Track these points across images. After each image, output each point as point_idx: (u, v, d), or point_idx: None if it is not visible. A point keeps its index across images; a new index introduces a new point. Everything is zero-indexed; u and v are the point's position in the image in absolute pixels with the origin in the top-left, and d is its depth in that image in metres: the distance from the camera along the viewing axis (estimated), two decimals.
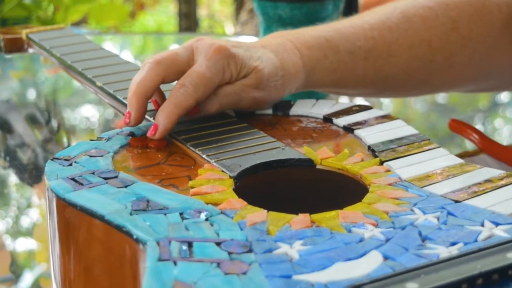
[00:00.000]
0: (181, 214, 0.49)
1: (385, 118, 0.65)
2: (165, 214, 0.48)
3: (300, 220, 0.48)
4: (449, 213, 0.49)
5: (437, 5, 0.76)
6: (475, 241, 0.46)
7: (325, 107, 0.68)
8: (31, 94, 1.23)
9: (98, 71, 0.74)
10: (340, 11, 0.95)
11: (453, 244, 0.45)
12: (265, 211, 0.49)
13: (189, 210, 0.49)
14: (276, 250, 0.45)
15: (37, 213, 0.82)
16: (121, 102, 0.68)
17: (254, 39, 1.22)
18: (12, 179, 0.90)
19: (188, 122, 0.63)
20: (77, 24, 2.56)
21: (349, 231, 0.47)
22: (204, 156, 0.57)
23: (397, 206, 0.50)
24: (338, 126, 0.65)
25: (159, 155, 0.58)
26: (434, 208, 0.50)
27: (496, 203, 0.50)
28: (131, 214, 0.48)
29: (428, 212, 0.49)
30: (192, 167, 0.56)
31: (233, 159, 0.57)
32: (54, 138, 1.05)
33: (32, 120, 1.09)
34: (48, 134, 1.05)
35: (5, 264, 0.72)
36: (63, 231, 0.51)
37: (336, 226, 0.48)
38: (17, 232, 0.78)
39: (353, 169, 0.56)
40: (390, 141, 0.61)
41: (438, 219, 0.48)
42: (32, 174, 0.88)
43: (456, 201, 0.51)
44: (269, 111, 0.68)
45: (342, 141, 0.62)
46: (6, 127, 1.05)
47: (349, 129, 0.64)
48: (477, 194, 0.52)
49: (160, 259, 0.43)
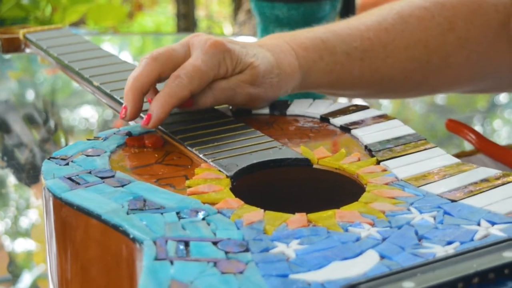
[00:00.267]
0: (178, 214, 0.49)
1: (382, 118, 0.65)
2: (162, 214, 0.48)
3: (297, 220, 0.48)
4: (446, 213, 0.49)
5: (433, 6, 0.76)
6: (471, 240, 0.46)
7: (322, 107, 0.68)
8: (30, 95, 1.23)
9: (95, 71, 0.74)
10: (337, 12, 0.95)
11: (450, 243, 0.45)
12: (262, 211, 0.49)
13: (186, 210, 0.49)
14: (273, 250, 0.45)
15: (36, 214, 0.82)
16: (118, 102, 0.68)
17: (252, 40, 1.22)
18: (10, 179, 0.89)
19: (185, 122, 0.63)
20: (76, 25, 2.56)
21: (346, 231, 0.47)
22: (201, 156, 0.57)
23: (394, 206, 0.50)
24: (335, 126, 0.65)
25: (156, 155, 0.58)
26: (431, 208, 0.50)
27: (492, 203, 0.50)
28: (128, 214, 0.48)
29: (425, 212, 0.49)
30: (189, 167, 0.56)
31: (230, 159, 0.57)
32: (52, 138, 1.04)
33: (30, 120, 1.09)
34: (46, 134, 1.05)
35: (3, 265, 0.72)
36: (60, 231, 0.51)
37: (333, 226, 0.48)
38: (16, 233, 0.78)
39: (350, 169, 0.56)
40: (387, 141, 0.61)
41: (435, 219, 0.48)
42: (30, 174, 0.88)
43: (453, 201, 0.51)
44: (266, 111, 0.68)
45: (339, 141, 0.62)
46: (4, 127, 1.05)
47: (346, 129, 0.64)
48: (474, 194, 0.52)
49: (157, 259, 0.43)
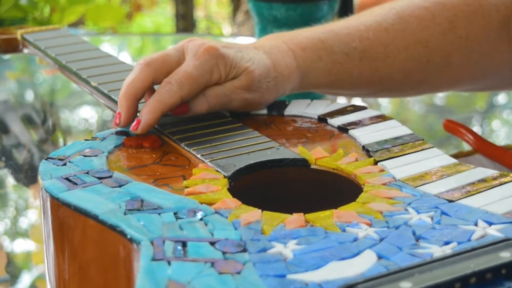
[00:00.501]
0: (176, 214, 0.49)
1: (380, 118, 0.65)
2: (159, 214, 0.48)
3: (295, 220, 0.48)
4: (443, 213, 0.49)
5: (434, 6, 0.76)
6: (469, 241, 0.46)
7: (320, 107, 0.68)
8: (28, 95, 1.23)
9: (93, 71, 0.74)
10: (335, 12, 0.95)
11: (447, 244, 0.45)
12: (260, 211, 0.49)
13: (184, 210, 0.49)
14: (270, 250, 0.45)
15: (34, 214, 0.82)
16: (116, 102, 0.68)
17: (251, 40, 1.22)
18: (8, 180, 0.89)
19: (183, 122, 0.63)
20: (74, 25, 2.56)
21: (344, 231, 0.47)
22: (199, 156, 0.57)
23: (391, 206, 0.50)
24: (333, 126, 0.65)
25: (154, 155, 0.58)
26: (428, 208, 0.50)
27: (490, 203, 0.50)
28: (125, 214, 0.48)
29: (422, 212, 0.49)
30: (187, 167, 0.56)
31: (228, 159, 0.57)
32: (50, 139, 1.04)
33: (28, 121, 1.09)
34: (44, 135, 1.05)
35: (1, 265, 0.72)
36: (57, 231, 0.51)
37: (331, 226, 0.48)
38: (15, 233, 0.78)
39: (348, 169, 0.56)
40: (385, 141, 0.61)
41: (432, 219, 0.48)
42: (28, 175, 0.88)
43: (450, 201, 0.51)
44: (264, 111, 0.68)
45: (337, 141, 0.62)
46: (2, 128, 1.05)
47: (344, 129, 0.64)
48: (471, 194, 0.52)
49: (154, 259, 0.43)
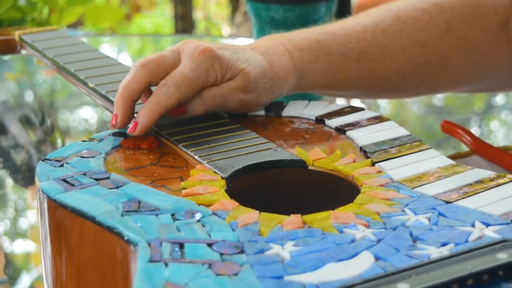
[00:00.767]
0: (173, 215, 0.49)
1: (377, 119, 0.65)
2: (157, 215, 0.48)
3: (292, 221, 0.48)
4: (440, 214, 0.49)
5: (431, 7, 0.76)
6: (466, 242, 0.46)
7: (318, 108, 0.68)
8: (28, 96, 1.23)
9: (91, 72, 0.74)
10: (333, 13, 0.95)
11: (444, 245, 0.45)
12: (257, 212, 0.49)
13: (181, 211, 0.49)
14: (268, 251, 0.45)
15: (33, 215, 0.82)
16: (113, 103, 0.68)
17: (250, 41, 1.22)
18: (6, 181, 0.89)
19: (180, 123, 0.63)
20: (73, 26, 2.55)
21: (341, 232, 0.47)
22: (196, 157, 0.57)
23: (389, 207, 0.50)
24: (330, 127, 0.65)
25: (151, 156, 0.58)
26: (425, 209, 0.50)
27: (487, 204, 0.50)
28: (122, 215, 0.48)
29: (419, 213, 0.49)
30: (184, 168, 0.56)
31: (225, 160, 0.57)
32: (48, 140, 1.04)
33: (27, 121, 1.09)
34: (42, 136, 1.05)
35: (0, 267, 0.72)
36: (55, 232, 0.51)
37: (328, 227, 0.48)
38: (14, 234, 0.78)
39: (345, 170, 0.56)
40: (382, 142, 0.61)
41: (429, 220, 0.48)
42: (26, 176, 0.88)
43: (447, 202, 0.51)
44: (262, 112, 0.68)
45: (334, 142, 0.62)
46: (1, 129, 1.05)
47: (341, 130, 0.64)
48: (468, 195, 0.52)
49: (151, 260, 0.43)
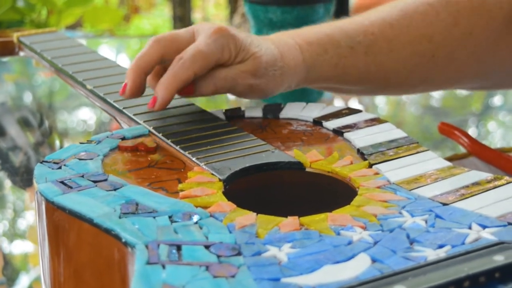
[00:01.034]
0: (170, 217, 0.49)
1: (375, 121, 0.65)
2: (154, 217, 0.48)
3: (289, 223, 0.48)
4: (437, 216, 0.49)
5: (437, 2, 0.77)
6: (463, 244, 0.46)
7: (315, 110, 0.68)
8: (26, 97, 1.23)
9: (89, 74, 0.74)
10: (331, 15, 0.95)
11: (441, 247, 0.45)
12: (254, 214, 0.49)
13: (179, 213, 0.49)
14: (265, 253, 0.45)
15: (31, 216, 0.82)
16: (112, 105, 0.68)
17: None
18: (6, 182, 0.89)
19: (178, 125, 0.63)
20: (72, 28, 2.55)
21: (338, 234, 0.47)
22: (194, 159, 0.57)
23: (386, 209, 0.50)
24: (328, 129, 0.65)
25: (149, 158, 0.58)
26: (422, 211, 0.50)
27: (484, 206, 0.50)
28: (120, 218, 0.48)
29: (416, 215, 0.49)
30: (182, 170, 0.56)
31: (223, 162, 0.57)
32: (47, 141, 1.04)
33: (25, 123, 1.09)
34: (41, 137, 1.05)
35: None
36: (53, 235, 0.51)
37: (325, 229, 0.48)
38: (13, 235, 0.78)
39: (342, 172, 0.56)
40: (379, 144, 0.61)
41: (426, 222, 0.48)
42: (24, 178, 0.88)
43: (444, 204, 0.51)
44: (259, 114, 0.68)
45: (332, 144, 0.62)
46: None
47: (339, 132, 0.64)
48: (465, 197, 0.52)
49: (149, 263, 0.43)
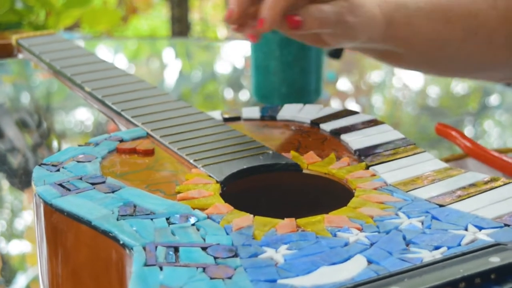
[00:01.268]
0: (168, 219, 0.49)
1: (372, 123, 0.66)
2: (152, 219, 0.49)
3: (286, 225, 0.48)
4: (433, 217, 0.49)
5: None
6: (459, 245, 0.46)
7: (312, 112, 0.68)
8: (24, 98, 1.23)
9: (87, 77, 0.74)
10: None
11: (437, 248, 0.46)
12: (251, 216, 0.49)
13: (176, 215, 0.49)
14: (262, 255, 0.45)
15: (31, 216, 0.82)
16: (110, 108, 0.68)
17: (246, 44, 1.22)
18: (4, 185, 0.90)
19: (176, 127, 0.63)
20: (70, 29, 2.55)
21: (334, 236, 0.47)
22: (191, 161, 0.58)
23: (382, 211, 0.50)
24: (325, 131, 0.65)
25: (147, 160, 0.59)
26: (419, 212, 0.50)
27: (480, 207, 0.51)
28: (118, 220, 0.48)
29: (413, 216, 0.50)
30: (180, 172, 0.57)
31: (220, 164, 0.57)
32: (45, 143, 1.05)
33: (23, 125, 1.09)
34: (39, 139, 1.05)
35: None
36: (51, 236, 0.52)
37: (322, 231, 0.48)
38: (11, 235, 0.78)
39: (339, 174, 0.57)
40: (376, 146, 0.61)
41: (422, 223, 0.49)
42: (22, 179, 0.88)
43: (441, 205, 0.51)
44: (257, 116, 0.68)
45: (329, 146, 0.62)
46: None
47: (336, 134, 0.64)
48: (462, 198, 0.52)
49: (146, 264, 0.44)
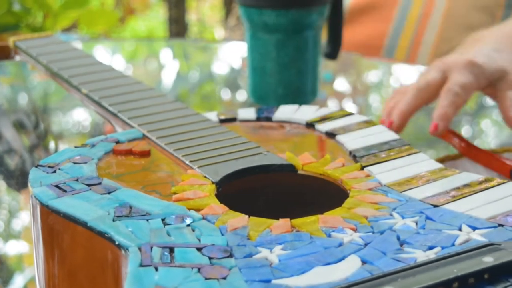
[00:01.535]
0: (163, 220, 0.49)
1: (367, 124, 0.66)
2: (148, 220, 0.49)
3: (281, 225, 0.49)
4: (428, 218, 0.50)
5: None
6: (453, 245, 0.46)
7: (308, 113, 0.69)
8: (22, 100, 1.23)
9: (84, 78, 0.74)
10: (325, 18, 0.95)
11: (431, 248, 0.46)
12: (246, 216, 0.50)
13: (171, 216, 0.50)
14: (256, 255, 0.45)
15: (28, 216, 0.82)
16: (106, 109, 0.68)
17: (243, 45, 1.22)
18: (2, 185, 0.90)
19: (172, 128, 0.64)
20: (68, 30, 2.56)
21: (329, 236, 0.48)
22: (187, 162, 0.58)
23: (376, 211, 0.51)
24: (321, 132, 0.66)
25: (143, 161, 0.59)
26: (413, 213, 0.50)
27: (474, 208, 0.51)
28: (114, 220, 0.49)
29: (407, 217, 0.50)
30: (175, 173, 0.57)
31: (216, 165, 0.57)
32: (42, 144, 1.05)
33: (20, 126, 1.09)
34: (36, 140, 1.05)
35: None
36: (47, 238, 0.52)
37: (316, 231, 0.48)
38: (8, 236, 0.78)
39: (334, 174, 0.57)
40: (371, 147, 0.61)
41: (417, 224, 0.49)
42: (19, 181, 0.89)
43: (435, 206, 0.51)
44: (253, 117, 0.69)
45: (324, 147, 0.63)
46: None
47: (331, 135, 0.64)
48: (456, 199, 0.52)
49: (142, 265, 0.44)
